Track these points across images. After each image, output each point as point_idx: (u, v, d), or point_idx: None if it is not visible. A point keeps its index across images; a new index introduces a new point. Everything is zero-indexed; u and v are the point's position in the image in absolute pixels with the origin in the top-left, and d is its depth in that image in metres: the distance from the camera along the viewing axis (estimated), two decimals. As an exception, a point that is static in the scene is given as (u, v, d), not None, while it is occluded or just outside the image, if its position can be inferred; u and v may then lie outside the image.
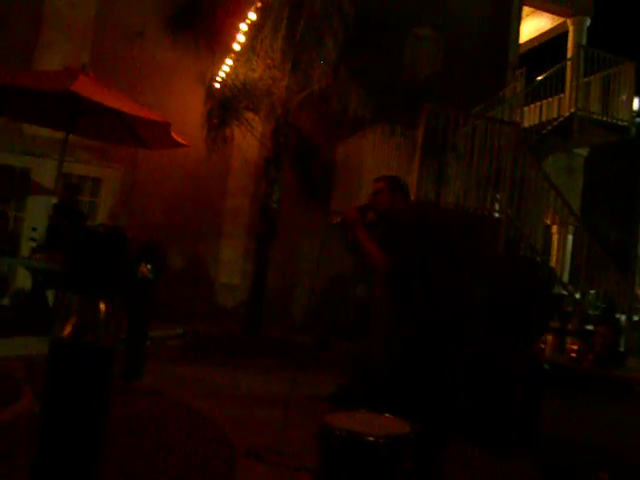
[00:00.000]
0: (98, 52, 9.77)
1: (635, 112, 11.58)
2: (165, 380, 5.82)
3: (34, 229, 8.32)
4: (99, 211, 10.25)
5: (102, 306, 2.50)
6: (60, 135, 7.87)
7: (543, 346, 4.81)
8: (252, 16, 8.06)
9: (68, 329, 2.43)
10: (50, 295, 7.69)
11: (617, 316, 8.44)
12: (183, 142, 7.95)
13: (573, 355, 4.37)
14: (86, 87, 6.74)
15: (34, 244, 7.56)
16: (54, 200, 7.94)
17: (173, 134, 7.66)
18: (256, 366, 7.22)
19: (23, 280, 8.60)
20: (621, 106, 10.66)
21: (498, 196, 8.12)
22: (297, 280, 10.60)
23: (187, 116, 8.89)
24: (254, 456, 3.87)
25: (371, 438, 2.61)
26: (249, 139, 9.04)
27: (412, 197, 7.53)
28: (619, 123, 10.66)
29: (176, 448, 3.95)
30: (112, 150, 9.47)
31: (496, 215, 8.15)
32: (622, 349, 7.90)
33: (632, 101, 10.94)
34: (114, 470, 3.24)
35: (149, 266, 6.05)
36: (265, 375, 6.73)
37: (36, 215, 9.48)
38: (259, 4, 8.04)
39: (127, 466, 3.46)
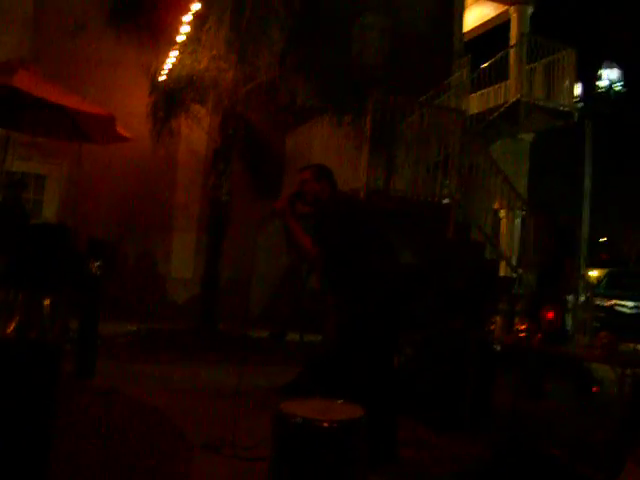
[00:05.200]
0: (38, 46, 9.52)
1: (577, 97, 11.85)
2: (118, 378, 5.73)
3: (-23, 230, 8.07)
4: (45, 209, 10.00)
5: (46, 302, 2.44)
6: (0, 132, 7.65)
7: (493, 327, 4.90)
8: (196, 6, 7.93)
9: (11, 327, 2.37)
10: None
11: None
12: (128, 136, 7.80)
13: (522, 335, 4.47)
14: (26, 81, 6.55)
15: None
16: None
17: (118, 128, 7.51)
18: (209, 361, 7.17)
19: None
20: (564, 92, 10.89)
21: (447, 182, 8.22)
22: (251, 272, 10.55)
23: (132, 109, 8.74)
24: (210, 449, 3.85)
25: (325, 424, 2.62)
26: (197, 131, 8.95)
27: (362, 186, 7.61)
28: (562, 108, 10.90)
29: (131, 444, 3.90)
30: (56, 146, 9.24)
31: (445, 201, 8.25)
32: (569, 327, 8.14)
33: (574, 87, 11.19)
34: (67, 470, 3.18)
35: (98, 263, 5.94)
36: (218, 369, 6.67)
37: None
38: (202, -6, 7.92)
39: (81, 465, 3.40)
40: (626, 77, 12.61)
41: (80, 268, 5.59)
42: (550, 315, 4.34)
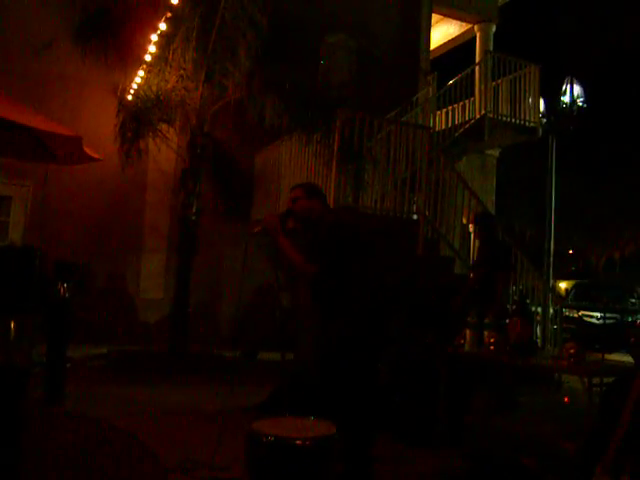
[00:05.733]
0: (1, 64, 9.40)
1: (541, 113, 12.08)
2: (89, 401, 5.64)
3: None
4: (11, 231, 9.84)
5: (12, 326, 2.41)
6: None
7: (463, 341, 4.95)
8: (162, 26, 7.95)
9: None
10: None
11: (533, 308, 8.76)
12: (96, 156, 7.72)
13: (491, 348, 4.51)
14: (-10, 102, 6.46)
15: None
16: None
17: (85, 148, 7.44)
18: (181, 382, 7.10)
19: None
20: (528, 108, 11.10)
21: (415, 198, 8.29)
22: (222, 292, 10.49)
23: (100, 129, 8.67)
24: (184, 471, 3.81)
25: (298, 441, 2.62)
26: (165, 151, 8.91)
27: (331, 203, 7.64)
28: (527, 124, 11.10)
29: (103, 469, 3.83)
30: (22, 167, 9.12)
31: (414, 217, 8.31)
32: (538, 339, 8.23)
33: (538, 102, 11.41)
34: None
35: (66, 285, 5.87)
36: (190, 391, 6.62)
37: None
38: (169, 14, 7.93)
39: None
40: (588, 93, 12.90)
41: (48, 291, 5.51)
42: (518, 328, 4.39)
